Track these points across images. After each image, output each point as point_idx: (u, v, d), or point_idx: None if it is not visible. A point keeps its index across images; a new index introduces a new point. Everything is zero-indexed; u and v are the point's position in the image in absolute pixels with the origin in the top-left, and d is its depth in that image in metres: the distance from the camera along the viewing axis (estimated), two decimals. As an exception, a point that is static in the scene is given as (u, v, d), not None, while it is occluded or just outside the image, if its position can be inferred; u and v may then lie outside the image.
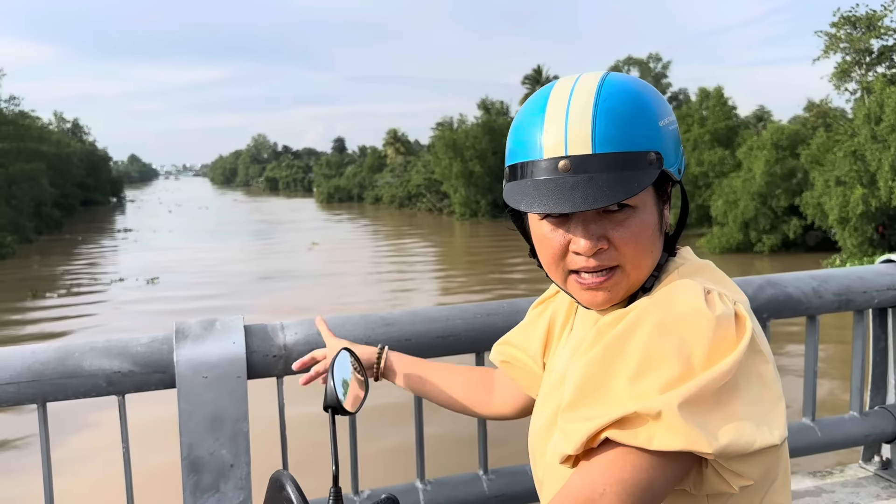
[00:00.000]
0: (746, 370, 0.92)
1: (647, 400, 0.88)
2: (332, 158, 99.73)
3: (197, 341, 1.77)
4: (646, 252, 1.04)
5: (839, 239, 27.03)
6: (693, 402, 0.87)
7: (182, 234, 46.89)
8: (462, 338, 1.99)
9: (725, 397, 0.89)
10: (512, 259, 30.32)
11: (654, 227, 1.04)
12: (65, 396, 1.75)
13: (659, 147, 1.02)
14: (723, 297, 0.97)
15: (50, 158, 57.72)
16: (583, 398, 0.94)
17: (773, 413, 0.92)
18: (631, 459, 0.89)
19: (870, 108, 26.50)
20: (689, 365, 0.90)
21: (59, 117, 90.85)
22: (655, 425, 0.87)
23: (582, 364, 0.96)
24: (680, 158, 1.08)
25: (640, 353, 0.92)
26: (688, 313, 0.93)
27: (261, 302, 21.59)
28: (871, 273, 2.43)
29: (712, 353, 0.90)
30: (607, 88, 1.02)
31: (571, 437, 0.93)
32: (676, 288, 0.98)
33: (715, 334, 0.91)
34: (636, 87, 1.06)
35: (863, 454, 2.64)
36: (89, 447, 9.69)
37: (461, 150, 50.19)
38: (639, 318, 0.95)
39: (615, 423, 0.89)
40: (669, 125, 1.05)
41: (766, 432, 0.90)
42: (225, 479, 1.80)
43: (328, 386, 1.16)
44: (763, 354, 0.95)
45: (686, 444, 0.86)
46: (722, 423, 0.88)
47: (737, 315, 0.95)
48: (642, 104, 1.03)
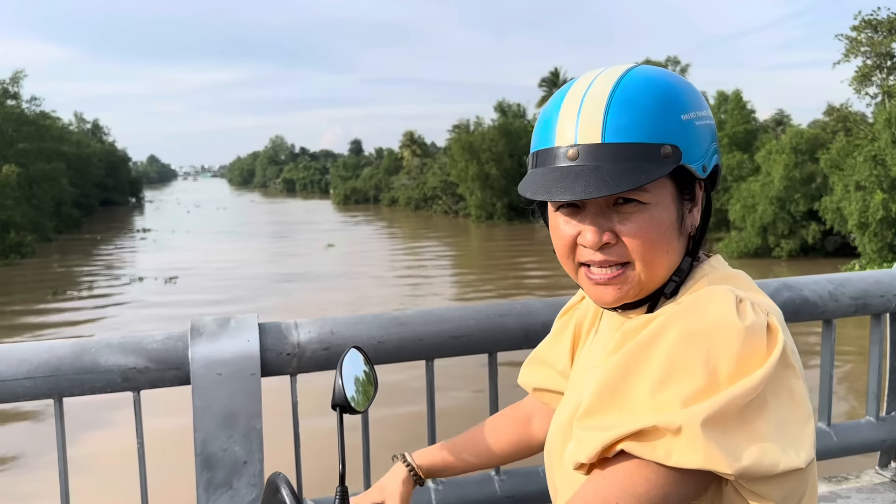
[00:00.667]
0: (776, 386, 0.87)
1: (668, 413, 0.85)
2: (349, 160, 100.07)
3: (212, 338, 1.79)
4: (657, 251, 0.98)
5: (858, 244, 26.72)
6: (716, 419, 0.83)
7: (200, 234, 47.21)
8: (474, 338, 1.99)
9: (751, 415, 0.85)
10: (527, 262, 30.27)
11: (670, 226, 0.99)
12: (81, 392, 1.77)
13: (677, 141, 0.97)
14: (755, 306, 0.92)
15: (70, 158, 58.30)
16: (601, 406, 0.91)
17: (801, 434, 0.88)
18: (646, 473, 0.86)
19: (890, 113, 26.20)
20: (714, 378, 0.85)
21: (80, 118, 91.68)
22: (675, 440, 0.84)
23: (602, 370, 0.93)
24: (708, 156, 1.01)
25: (663, 362, 0.88)
26: (716, 322, 0.88)
27: (278, 302, 21.70)
28: (889, 277, 2.41)
29: (740, 366, 0.86)
30: (629, 79, 1.00)
31: (586, 445, 0.90)
32: (706, 295, 0.93)
33: (744, 346, 0.87)
34: (661, 78, 1.02)
35: (879, 460, 2.61)
36: (111, 445, 9.77)
37: (477, 153, 50.15)
38: (664, 326, 0.90)
39: (632, 434, 0.86)
40: (697, 120, 1.00)
41: (791, 455, 0.85)
42: (238, 475, 1.81)
43: (336, 384, 1.16)
44: (794, 369, 0.90)
45: (705, 462, 0.83)
46: (746, 443, 0.84)
47: (769, 326, 0.90)
48: (663, 95, 0.99)
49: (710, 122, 1.03)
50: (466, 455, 1.42)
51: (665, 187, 0.99)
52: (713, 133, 1.03)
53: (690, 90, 1.03)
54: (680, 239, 1.02)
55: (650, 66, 1.06)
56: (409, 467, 1.37)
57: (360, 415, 1.26)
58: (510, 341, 2.03)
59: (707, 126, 1.02)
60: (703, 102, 1.03)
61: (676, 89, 1.01)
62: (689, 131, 0.99)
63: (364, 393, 1.26)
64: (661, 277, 1.02)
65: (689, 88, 1.03)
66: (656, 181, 0.97)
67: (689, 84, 1.04)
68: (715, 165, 1.03)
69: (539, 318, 2.02)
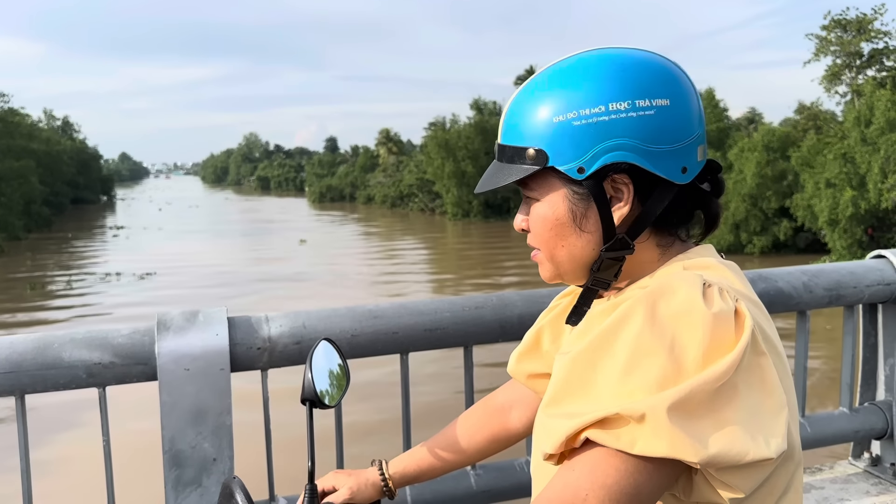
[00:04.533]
0: (747, 373, 0.86)
1: (633, 400, 0.83)
2: (325, 158, 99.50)
3: (179, 333, 1.74)
4: (549, 242, 1.04)
5: (829, 241, 27.15)
6: (682, 406, 0.82)
7: (171, 233, 46.66)
8: (450, 331, 1.97)
9: (720, 402, 0.83)
10: (504, 259, 30.32)
11: (557, 223, 1.02)
12: (44, 388, 1.71)
13: (543, 144, 0.98)
14: (723, 292, 0.90)
15: (40, 156, 57.39)
16: (567, 393, 0.90)
17: (773, 423, 0.86)
18: (615, 463, 0.84)
19: (860, 111, 26.65)
20: (680, 364, 0.84)
21: (49, 115, 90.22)
22: (639, 428, 0.82)
23: (568, 357, 0.92)
24: (590, 157, 0.96)
25: (628, 348, 0.86)
26: (682, 308, 0.87)
27: (249, 299, 21.51)
28: (862, 268, 2.42)
29: (707, 353, 0.84)
30: (534, 80, 1.03)
31: (552, 434, 0.88)
32: (672, 280, 0.92)
33: (711, 332, 0.85)
34: (555, 77, 1.00)
35: (852, 450, 2.63)
36: (84, 446, 9.61)
37: (453, 151, 50.16)
38: (629, 311, 0.89)
39: (597, 422, 0.84)
40: (577, 119, 0.96)
41: (761, 444, 0.83)
42: (207, 473, 1.76)
43: (306, 378, 1.12)
44: (767, 357, 0.89)
45: (670, 450, 0.81)
46: (712, 431, 0.82)
47: (737, 312, 0.89)
48: (539, 97, 1.00)
49: (612, 117, 0.95)
50: (444, 456, 1.41)
51: (551, 185, 1.01)
52: (610, 130, 0.95)
53: (587, 85, 0.97)
54: (582, 235, 1.02)
55: (583, 53, 1.02)
56: (382, 479, 1.37)
57: (331, 409, 1.22)
58: (486, 334, 2.00)
59: (596, 124, 0.95)
60: (602, 96, 0.96)
61: (562, 88, 0.98)
62: (560, 133, 0.97)
63: (335, 387, 1.22)
64: (570, 267, 1.05)
65: (585, 83, 0.97)
66: (540, 179, 1.01)
67: (595, 77, 0.97)
68: (619, 163, 0.96)
69: (515, 311, 2.00)
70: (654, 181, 0.99)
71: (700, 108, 1.03)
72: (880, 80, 29.13)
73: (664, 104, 0.97)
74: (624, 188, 0.99)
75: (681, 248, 1.06)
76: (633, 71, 0.98)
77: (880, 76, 30.20)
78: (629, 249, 1.02)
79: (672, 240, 1.05)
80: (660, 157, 0.97)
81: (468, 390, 2.08)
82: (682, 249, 1.06)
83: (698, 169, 1.02)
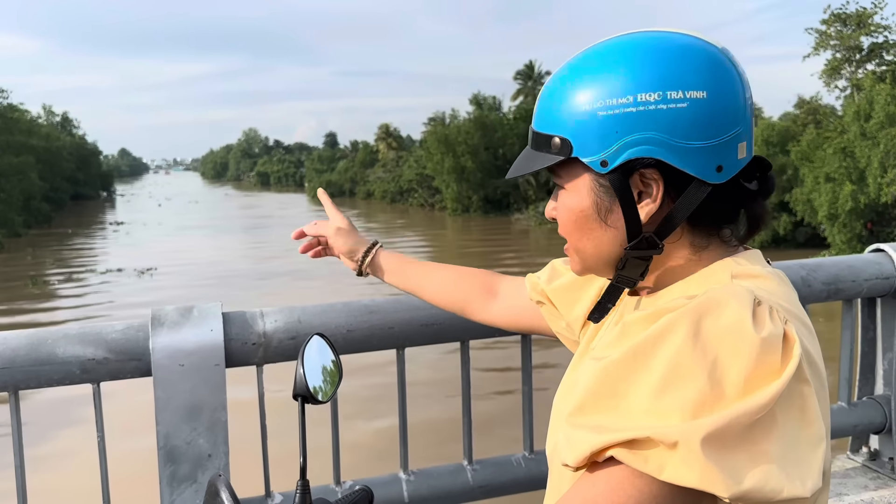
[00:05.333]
0: (787, 403, 0.79)
1: (666, 424, 0.78)
2: (324, 153, 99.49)
3: (173, 328, 1.73)
4: (576, 235, 1.02)
5: (828, 235, 27.15)
6: (718, 437, 0.76)
7: (171, 228, 46.64)
8: (446, 326, 1.96)
9: (758, 434, 0.78)
10: (504, 254, 30.31)
11: (581, 215, 0.99)
12: (38, 384, 1.71)
13: (568, 133, 0.95)
14: (774, 312, 0.84)
15: (39, 152, 57.31)
16: (596, 404, 0.84)
17: (810, 458, 0.80)
18: (638, 485, 0.79)
19: (859, 105, 26.62)
20: (720, 389, 0.78)
21: (49, 111, 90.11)
22: (669, 454, 0.77)
23: (601, 365, 0.85)
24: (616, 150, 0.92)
25: (666, 365, 0.80)
26: (729, 328, 0.81)
27: (249, 294, 21.51)
28: (861, 262, 2.41)
29: (750, 379, 0.78)
30: (569, 65, 1.00)
31: (575, 447, 0.83)
32: (722, 294, 0.85)
33: (757, 358, 0.79)
34: (586, 63, 0.97)
35: (850, 445, 2.63)
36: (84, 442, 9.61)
37: (453, 146, 50.10)
38: (672, 324, 0.83)
39: (625, 442, 0.79)
40: (602, 109, 0.92)
41: (796, 483, 0.77)
42: (203, 469, 1.76)
43: (298, 373, 1.11)
44: (810, 385, 0.82)
45: (700, 483, 0.75)
46: (747, 465, 0.76)
47: (786, 336, 0.82)
48: (571, 86, 0.96)
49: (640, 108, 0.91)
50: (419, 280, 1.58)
51: (579, 176, 0.98)
52: (637, 123, 0.91)
53: (620, 73, 0.92)
54: (607, 230, 0.98)
55: (616, 38, 0.97)
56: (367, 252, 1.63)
57: (324, 405, 1.21)
58: (483, 329, 1.97)
59: (622, 115, 0.91)
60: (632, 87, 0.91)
61: (591, 76, 0.94)
62: (586, 123, 0.93)
63: (328, 382, 1.21)
64: (596, 261, 1.03)
65: (618, 71, 0.92)
66: (569, 168, 0.99)
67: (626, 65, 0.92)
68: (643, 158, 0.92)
69: (511, 306, 1.99)
70: (687, 178, 0.93)
71: (747, 102, 0.96)
72: (880, 75, 29.07)
73: (700, 97, 0.91)
74: (653, 184, 0.94)
75: (724, 251, 1.00)
76: (668, 59, 0.92)
77: (880, 70, 30.14)
78: (657, 249, 0.97)
79: (710, 241, 0.99)
80: (691, 153, 0.91)
81: (465, 386, 2.07)
82: (725, 252, 0.99)
83: (738, 168, 0.95)
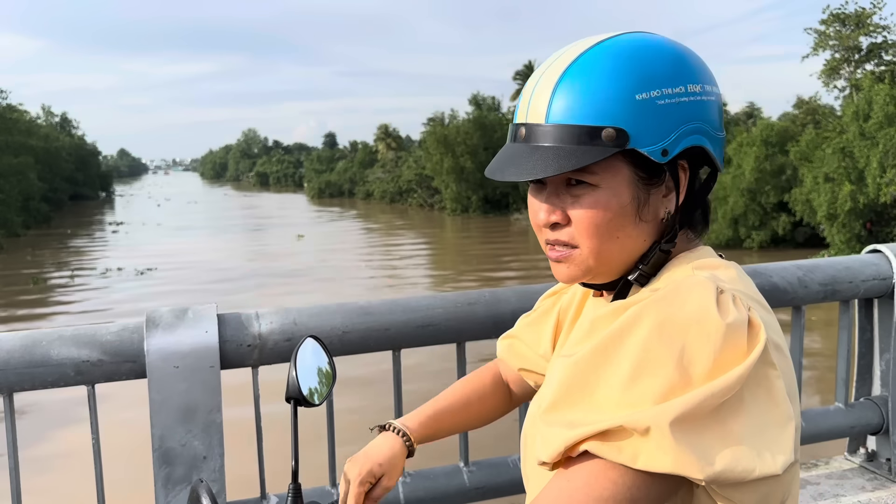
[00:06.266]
0: (754, 384, 0.82)
1: (637, 412, 0.80)
2: (323, 153, 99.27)
3: (168, 330, 1.73)
4: (606, 236, 0.95)
5: (827, 235, 27.13)
6: (687, 419, 0.78)
7: (170, 229, 46.62)
8: (442, 327, 1.95)
9: (726, 415, 0.80)
10: (503, 254, 30.31)
11: (620, 211, 0.94)
12: (32, 386, 1.70)
13: (624, 123, 0.91)
14: (737, 300, 0.87)
15: (38, 152, 57.22)
16: (568, 399, 0.86)
17: (780, 437, 0.82)
18: (613, 476, 0.81)
19: (858, 106, 26.60)
20: (687, 375, 0.80)
21: (48, 111, 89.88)
22: (642, 442, 0.79)
23: (571, 361, 0.87)
24: (673, 139, 0.94)
25: (635, 356, 0.83)
26: (694, 316, 0.83)
27: (247, 295, 21.50)
28: (858, 263, 2.41)
29: (717, 364, 0.81)
30: (591, 53, 0.95)
31: (549, 443, 0.85)
32: (685, 284, 0.88)
33: (723, 344, 0.82)
34: (625, 50, 0.95)
35: (848, 446, 2.62)
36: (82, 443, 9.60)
37: (452, 146, 50.06)
38: (638, 316, 0.85)
39: (598, 434, 0.81)
40: (661, 98, 0.93)
41: (767, 460, 0.80)
42: (198, 470, 1.75)
43: (290, 376, 1.11)
44: (776, 368, 0.85)
45: (675, 466, 0.78)
46: (718, 446, 0.79)
47: (750, 322, 0.85)
48: (616, 72, 0.93)
49: (691, 98, 0.95)
50: (456, 419, 1.35)
51: (618, 170, 0.94)
52: (692, 111, 0.95)
53: (664, 63, 0.95)
54: (640, 225, 0.97)
55: (635, 34, 0.98)
56: (403, 437, 1.26)
57: (318, 407, 1.20)
58: (479, 330, 1.99)
59: (678, 104, 0.94)
60: (681, 77, 0.95)
61: (638, 64, 0.94)
62: (644, 112, 0.92)
63: (322, 385, 1.21)
64: (617, 262, 0.98)
65: (662, 61, 0.95)
66: (605, 163, 0.93)
67: (669, 55, 0.96)
68: (692, 147, 0.96)
69: (508, 307, 1.99)
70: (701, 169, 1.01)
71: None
72: (879, 75, 29.07)
73: (718, 91, 1.01)
74: (683, 175, 0.98)
75: (685, 246, 1.03)
76: (695, 57, 1.00)
77: (879, 70, 30.14)
78: (672, 241, 1.00)
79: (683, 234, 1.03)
80: (719, 144, 1.00)
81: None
82: (687, 247, 1.03)
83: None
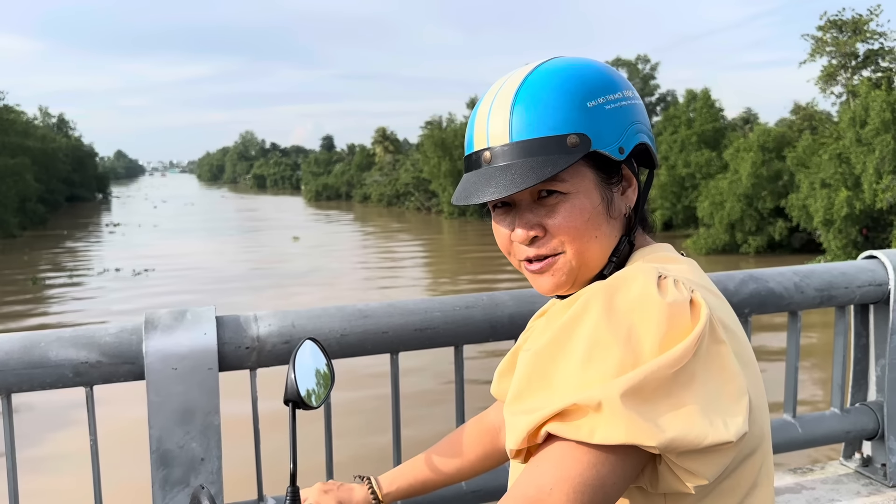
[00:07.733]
0: (706, 360, 0.86)
1: (590, 390, 0.83)
2: (321, 156, 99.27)
3: (167, 332, 1.73)
4: (585, 237, 1.01)
5: (824, 241, 27.21)
6: (637, 392, 0.82)
7: (167, 231, 46.56)
8: (440, 330, 1.96)
9: (677, 388, 0.84)
10: (501, 258, 30.30)
11: (594, 212, 1.01)
12: (30, 388, 1.70)
13: (584, 129, 0.99)
14: (678, 283, 0.92)
15: (35, 153, 57.23)
16: (528, 389, 0.90)
17: (732, 408, 0.86)
18: (577, 455, 0.84)
19: (855, 112, 26.70)
20: (637, 354, 0.85)
21: (45, 112, 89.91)
22: (597, 417, 0.82)
23: (529, 353, 0.92)
24: (626, 137, 1.02)
25: (586, 340, 0.87)
26: (638, 299, 0.88)
27: (244, 297, 21.48)
28: (854, 269, 2.41)
29: (664, 341, 0.85)
30: (533, 75, 1.02)
31: (514, 431, 0.88)
32: (628, 272, 0.94)
33: (668, 322, 0.86)
34: (565, 68, 1.03)
35: (843, 451, 2.63)
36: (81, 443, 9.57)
37: (450, 149, 50.13)
38: (587, 304, 0.90)
39: (557, 415, 0.85)
40: (608, 104, 1.01)
41: (720, 427, 0.83)
42: (195, 472, 1.75)
43: (289, 378, 1.11)
44: (726, 345, 0.89)
45: (628, 436, 0.81)
46: (670, 416, 0.83)
47: (692, 302, 0.89)
48: (564, 86, 1.00)
49: (628, 102, 1.04)
50: (433, 476, 1.40)
51: (584, 175, 1.01)
52: (632, 113, 1.04)
53: (600, 75, 1.03)
54: (611, 222, 1.04)
55: (562, 57, 1.07)
56: (373, 496, 1.36)
57: (315, 410, 1.21)
58: (476, 334, 1.99)
59: (621, 108, 1.02)
60: (616, 85, 1.04)
61: (581, 78, 1.02)
62: (597, 117, 1.00)
63: (320, 387, 1.21)
64: (596, 262, 1.04)
65: (597, 74, 1.03)
66: (572, 170, 0.99)
67: (600, 69, 1.05)
68: (639, 143, 1.04)
69: (506, 311, 1.99)
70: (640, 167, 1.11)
71: None
72: (875, 81, 29.14)
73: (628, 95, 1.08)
74: (632, 173, 1.07)
75: (644, 241, 1.09)
76: (615, 69, 1.09)
77: (875, 77, 30.20)
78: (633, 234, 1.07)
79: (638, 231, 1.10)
80: (653, 142, 1.09)
81: (458, 390, 2.07)
82: (646, 243, 1.09)
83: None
